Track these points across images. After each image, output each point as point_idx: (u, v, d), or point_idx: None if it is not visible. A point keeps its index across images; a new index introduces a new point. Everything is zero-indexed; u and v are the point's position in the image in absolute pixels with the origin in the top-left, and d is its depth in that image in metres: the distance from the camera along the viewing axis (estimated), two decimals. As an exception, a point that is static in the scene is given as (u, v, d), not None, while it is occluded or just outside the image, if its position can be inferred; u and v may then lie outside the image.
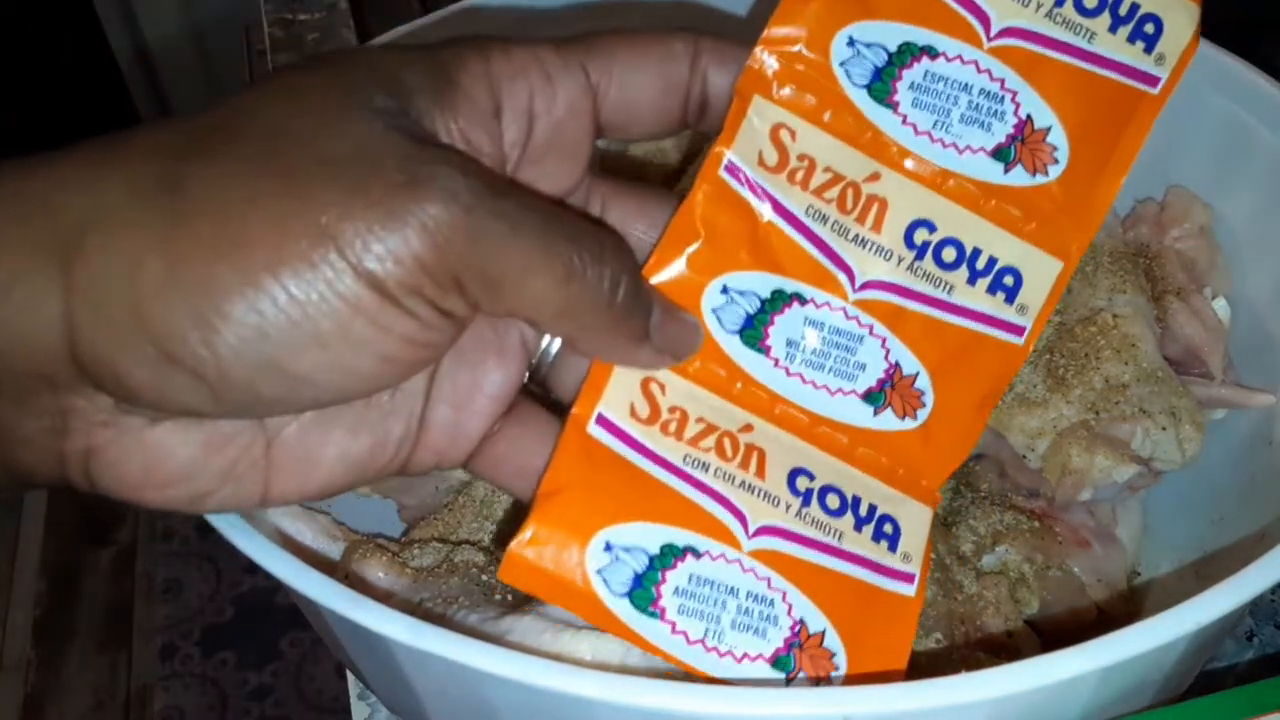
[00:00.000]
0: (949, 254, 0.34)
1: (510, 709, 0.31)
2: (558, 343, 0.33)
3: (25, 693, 1.42)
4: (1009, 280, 0.34)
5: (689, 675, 0.31)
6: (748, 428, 0.33)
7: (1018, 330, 0.34)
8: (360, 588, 0.32)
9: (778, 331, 0.33)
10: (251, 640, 1.43)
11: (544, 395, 0.34)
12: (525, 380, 0.33)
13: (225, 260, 0.25)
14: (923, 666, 0.37)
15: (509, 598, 0.37)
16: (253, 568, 0.32)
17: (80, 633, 1.47)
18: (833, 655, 0.31)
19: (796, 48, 0.32)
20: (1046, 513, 0.43)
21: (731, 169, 0.32)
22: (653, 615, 0.30)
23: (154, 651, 1.43)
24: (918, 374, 0.34)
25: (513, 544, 0.29)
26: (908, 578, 0.33)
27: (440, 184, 0.25)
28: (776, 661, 0.30)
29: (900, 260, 0.34)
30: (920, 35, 0.33)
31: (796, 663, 0.31)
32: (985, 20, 0.33)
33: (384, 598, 0.37)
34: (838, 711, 0.27)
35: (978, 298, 0.34)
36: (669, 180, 0.50)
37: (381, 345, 0.26)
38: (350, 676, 0.46)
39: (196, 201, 0.25)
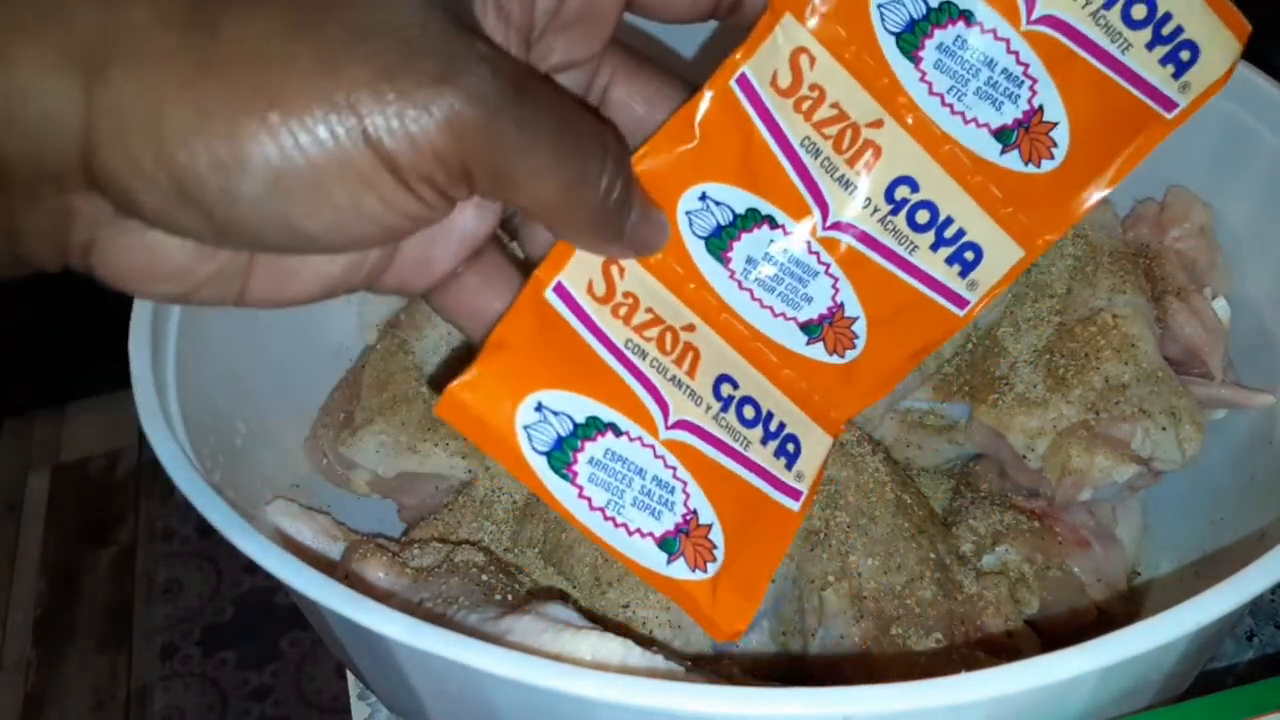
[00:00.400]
0: (922, 216, 0.35)
1: (510, 709, 0.31)
2: None
3: (25, 692, 1.42)
4: (969, 255, 0.36)
5: (688, 676, 0.31)
6: (690, 327, 0.34)
7: (962, 303, 0.36)
8: (360, 588, 0.32)
9: (741, 247, 0.34)
10: (252, 640, 1.43)
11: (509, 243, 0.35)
12: (497, 227, 0.33)
13: (256, 117, 0.25)
14: (922, 666, 0.37)
15: (508, 597, 0.37)
16: (253, 567, 0.32)
17: (80, 633, 1.47)
18: (714, 548, 0.34)
19: None
20: (1046, 513, 0.43)
21: (743, 82, 0.33)
22: (565, 477, 0.31)
23: (154, 651, 1.43)
24: (857, 319, 0.36)
25: (453, 383, 0.31)
26: (795, 494, 0.36)
27: (469, 82, 0.26)
28: (663, 542, 0.33)
29: (875, 210, 0.35)
30: None
31: (680, 546, 0.33)
32: (1030, 1, 0.33)
33: (384, 598, 0.37)
34: (837, 711, 0.27)
35: (935, 264, 0.36)
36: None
37: (385, 217, 0.27)
38: (350, 676, 0.46)
39: (231, 49, 0.25)
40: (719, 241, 0.34)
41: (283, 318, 0.48)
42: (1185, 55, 0.34)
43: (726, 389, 0.35)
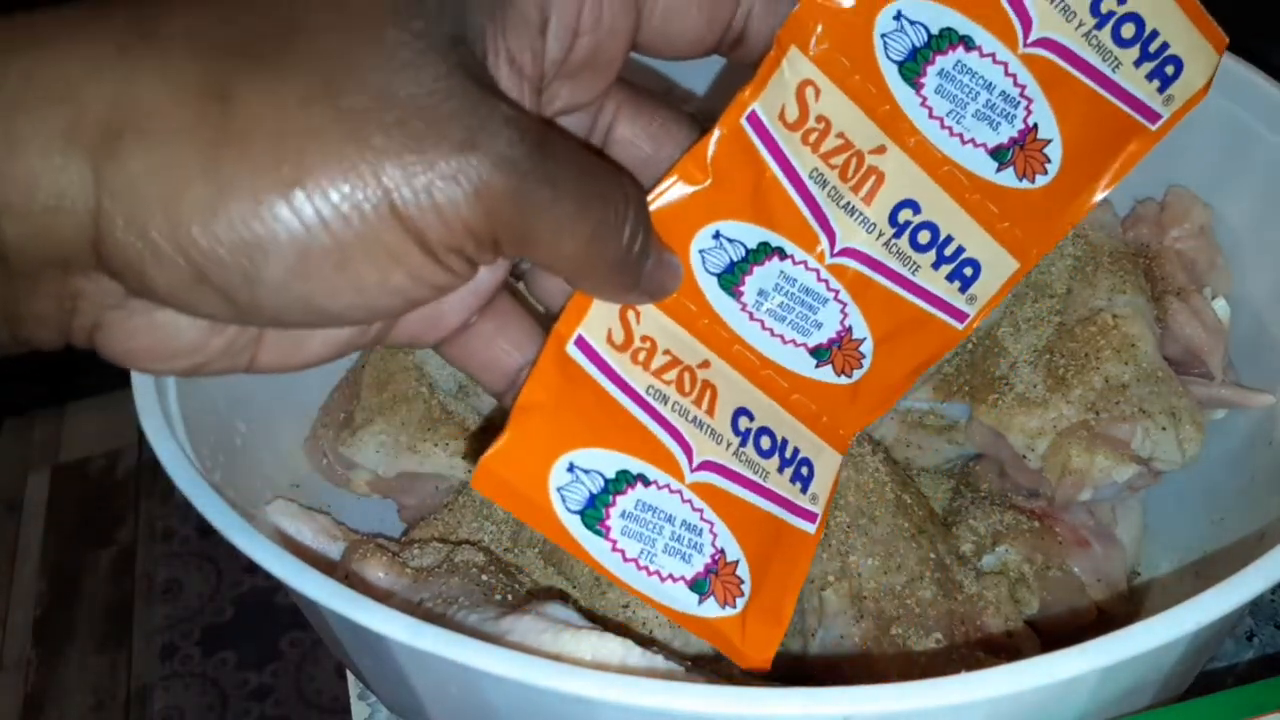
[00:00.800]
0: (924, 236, 0.36)
1: (510, 709, 0.31)
2: None
3: (25, 692, 1.42)
4: (968, 271, 0.37)
5: (688, 675, 0.31)
6: (705, 364, 0.35)
7: (962, 316, 0.38)
8: (360, 588, 0.32)
9: (753, 280, 0.35)
10: (252, 640, 1.43)
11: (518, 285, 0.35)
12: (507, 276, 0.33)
13: (279, 195, 0.24)
14: (923, 666, 0.37)
15: (509, 598, 0.37)
16: (253, 568, 0.32)
17: (80, 633, 1.47)
18: (741, 583, 0.34)
19: (847, 4, 0.33)
20: (1047, 513, 0.43)
21: (753, 119, 0.33)
22: (599, 533, 0.32)
23: (154, 651, 1.43)
24: (864, 340, 0.37)
25: (486, 455, 0.31)
26: (811, 516, 0.37)
27: (496, 147, 0.25)
28: (695, 584, 0.33)
29: (880, 235, 0.36)
30: (963, 24, 0.34)
31: (710, 586, 0.34)
32: (1028, 25, 0.34)
33: (384, 598, 0.37)
34: (837, 711, 0.27)
35: (937, 282, 0.37)
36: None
37: (411, 290, 0.27)
38: (350, 677, 0.46)
39: (248, 122, 0.24)
40: (731, 277, 0.34)
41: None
42: (1170, 70, 0.36)
43: (744, 422, 0.35)
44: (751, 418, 0.36)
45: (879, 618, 0.38)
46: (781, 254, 0.35)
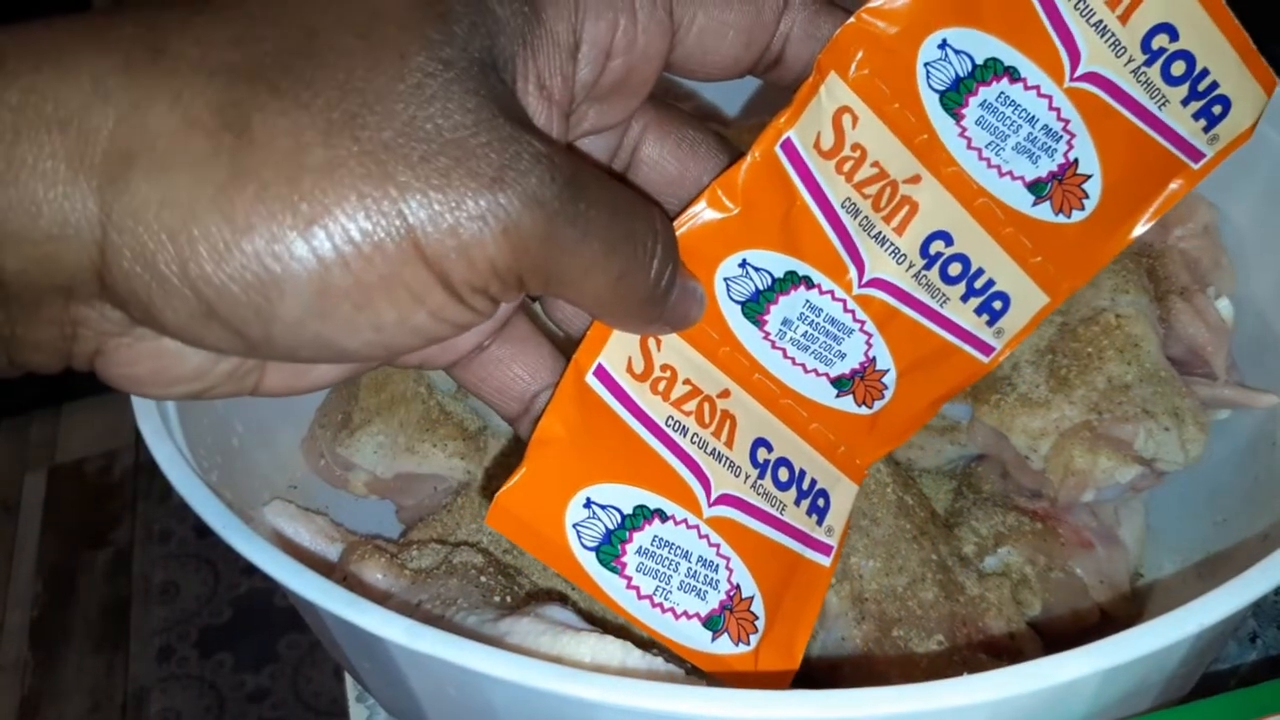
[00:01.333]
0: (955, 269, 0.35)
1: (509, 711, 0.31)
2: None
3: (22, 694, 1.42)
4: (998, 305, 0.36)
5: (688, 678, 0.31)
6: (725, 393, 0.34)
7: (988, 350, 0.37)
8: (358, 589, 0.32)
9: (778, 309, 0.34)
10: (249, 642, 1.43)
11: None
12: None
13: (296, 231, 0.23)
14: (924, 668, 0.37)
15: (508, 599, 0.37)
16: (251, 569, 0.32)
17: (77, 634, 1.47)
18: (755, 619, 0.34)
19: (891, 31, 0.32)
20: (1049, 514, 0.43)
21: (788, 147, 0.32)
22: (614, 570, 0.31)
23: (151, 653, 1.43)
24: (888, 371, 0.36)
25: (501, 492, 0.30)
26: (826, 549, 0.36)
27: (527, 185, 0.24)
28: (709, 621, 0.33)
29: (910, 266, 0.35)
30: (1010, 55, 0.33)
31: (725, 624, 0.33)
32: (1076, 58, 0.33)
33: (382, 599, 0.37)
34: (839, 714, 0.27)
35: (965, 315, 0.36)
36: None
37: (432, 330, 0.26)
38: (348, 679, 0.46)
39: (267, 154, 0.23)
40: (756, 306, 0.34)
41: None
42: (1217, 109, 0.35)
43: (763, 453, 0.35)
44: (770, 449, 0.35)
45: (880, 619, 0.38)
46: (809, 283, 0.34)
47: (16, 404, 1.68)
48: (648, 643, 0.33)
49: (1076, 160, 0.35)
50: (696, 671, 0.33)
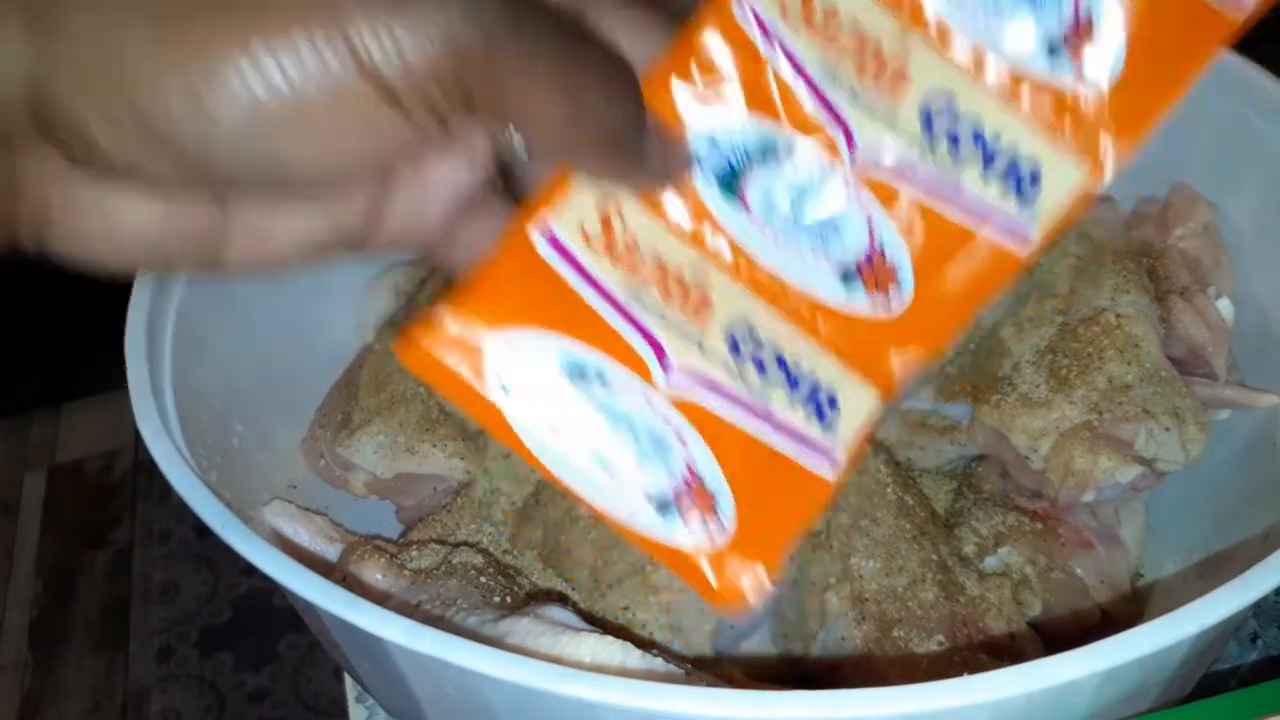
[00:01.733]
0: (965, 135, 0.31)
1: (508, 711, 0.31)
2: None
3: (21, 695, 1.42)
4: (1027, 179, 0.31)
5: (687, 678, 0.31)
6: (700, 273, 0.31)
7: (1025, 238, 0.32)
8: (358, 590, 0.32)
9: (759, 184, 0.31)
10: (249, 642, 1.43)
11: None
12: (493, 175, 0.31)
13: (229, 37, 0.23)
14: (925, 669, 0.37)
15: (507, 600, 0.37)
16: (250, 569, 0.32)
17: (77, 634, 1.47)
18: (719, 512, 0.31)
19: None
20: (1049, 514, 0.43)
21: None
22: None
23: (151, 653, 1.43)
24: (900, 261, 0.32)
25: (414, 327, 0.29)
26: (829, 456, 0.32)
27: (468, 3, 0.25)
28: (659, 505, 0.30)
29: (909, 135, 0.31)
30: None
31: (679, 509, 0.30)
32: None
33: (382, 600, 0.37)
34: (839, 714, 0.27)
35: (987, 190, 0.31)
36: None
37: (371, 140, 0.26)
38: (348, 679, 0.46)
39: None
40: (733, 181, 0.31)
41: (280, 316, 0.47)
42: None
43: (744, 339, 0.31)
44: (756, 337, 0.32)
45: (881, 620, 0.38)
46: (791, 153, 0.31)
47: (16, 404, 1.68)
48: (647, 643, 0.33)
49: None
50: (696, 672, 0.33)
